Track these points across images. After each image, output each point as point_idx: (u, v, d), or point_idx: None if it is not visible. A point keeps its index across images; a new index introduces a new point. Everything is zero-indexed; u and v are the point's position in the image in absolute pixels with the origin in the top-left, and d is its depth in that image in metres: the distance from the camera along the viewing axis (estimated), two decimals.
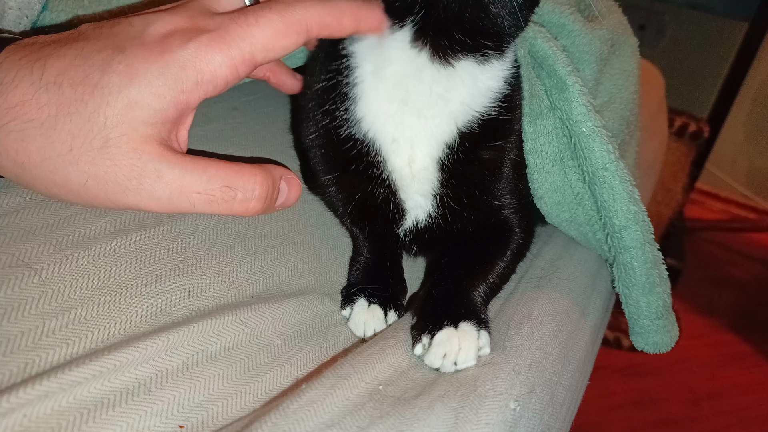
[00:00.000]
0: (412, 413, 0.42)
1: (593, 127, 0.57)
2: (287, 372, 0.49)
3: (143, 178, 0.44)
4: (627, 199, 0.57)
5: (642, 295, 0.60)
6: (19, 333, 0.41)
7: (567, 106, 0.58)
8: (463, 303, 0.54)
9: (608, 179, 0.57)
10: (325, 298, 0.58)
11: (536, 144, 0.60)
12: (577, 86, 0.57)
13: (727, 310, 1.90)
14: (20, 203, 0.51)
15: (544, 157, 0.60)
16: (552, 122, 0.60)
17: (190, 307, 0.50)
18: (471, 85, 0.57)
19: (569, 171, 0.61)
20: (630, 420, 1.42)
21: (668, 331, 0.62)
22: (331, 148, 0.62)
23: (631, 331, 0.63)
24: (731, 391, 1.56)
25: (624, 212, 0.57)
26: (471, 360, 0.49)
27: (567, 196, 0.62)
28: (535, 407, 0.48)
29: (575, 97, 0.57)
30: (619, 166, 0.57)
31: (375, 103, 0.58)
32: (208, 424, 0.42)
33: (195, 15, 0.46)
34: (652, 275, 0.59)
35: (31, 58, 0.43)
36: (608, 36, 0.70)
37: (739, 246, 2.25)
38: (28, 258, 0.46)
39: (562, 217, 0.64)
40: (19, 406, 0.37)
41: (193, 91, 0.44)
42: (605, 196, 0.57)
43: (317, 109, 0.61)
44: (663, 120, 1.41)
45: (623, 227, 0.57)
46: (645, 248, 0.58)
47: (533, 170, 0.61)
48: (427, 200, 0.61)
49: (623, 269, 0.60)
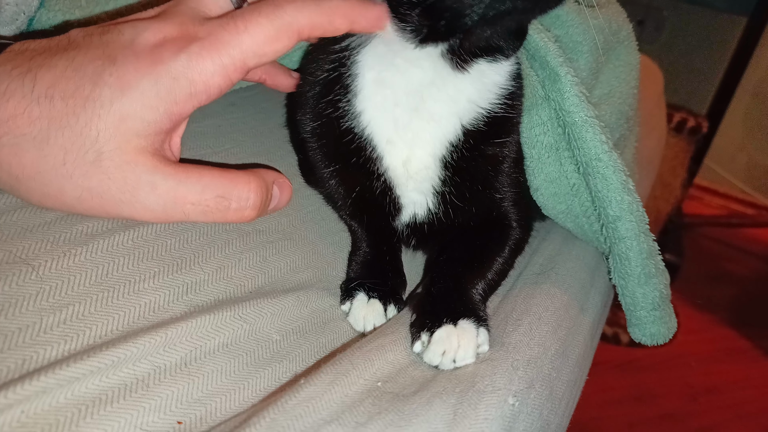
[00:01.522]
0: (411, 409, 0.42)
1: (585, 117, 0.57)
2: (286, 367, 0.49)
3: (137, 190, 0.44)
4: (621, 189, 0.57)
5: (638, 285, 0.60)
6: (16, 329, 0.41)
7: (559, 97, 0.58)
8: (461, 300, 0.54)
9: (601, 169, 0.57)
10: (324, 293, 0.58)
11: (531, 134, 0.60)
12: (569, 77, 0.57)
13: (725, 305, 1.91)
14: (17, 201, 0.50)
15: (539, 148, 0.60)
16: (547, 112, 0.60)
17: (188, 303, 0.50)
18: (479, 83, 0.57)
19: (565, 162, 0.61)
20: (628, 415, 1.43)
21: (665, 322, 0.62)
22: (330, 140, 0.62)
23: (629, 322, 0.63)
24: (729, 386, 1.56)
25: (618, 202, 0.57)
26: (470, 357, 0.49)
27: (563, 187, 0.62)
28: (534, 402, 0.48)
29: (567, 87, 0.58)
30: (612, 157, 0.57)
31: (374, 103, 0.58)
32: (206, 420, 0.42)
33: (185, 21, 0.45)
34: (648, 266, 0.59)
35: (23, 69, 0.42)
36: (605, 26, 0.70)
37: (738, 241, 2.25)
38: (26, 255, 0.46)
39: (558, 208, 0.64)
40: (17, 403, 0.37)
41: (187, 101, 0.44)
42: (599, 186, 0.58)
43: (319, 99, 0.61)
44: (662, 115, 1.41)
45: (617, 217, 0.58)
46: (640, 238, 0.58)
47: (529, 161, 0.61)
48: (426, 197, 0.61)
49: (619, 260, 0.60)
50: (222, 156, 0.68)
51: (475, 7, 0.48)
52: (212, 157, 0.67)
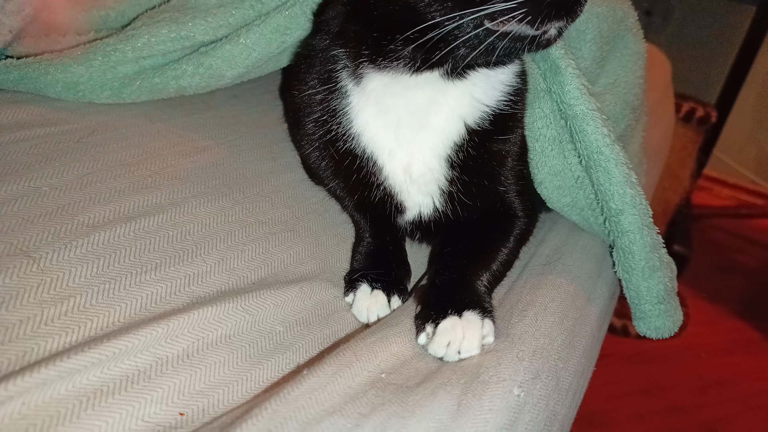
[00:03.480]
0: (415, 400, 0.42)
1: (586, 110, 0.56)
2: (289, 359, 0.49)
3: None
4: (623, 183, 0.56)
5: (642, 279, 0.59)
6: (17, 321, 0.41)
7: (560, 89, 0.57)
8: (466, 292, 0.53)
9: (603, 163, 0.56)
10: (327, 284, 0.58)
11: (534, 128, 0.59)
12: (570, 69, 0.57)
13: (734, 296, 1.89)
14: (18, 191, 0.50)
15: (543, 141, 0.59)
16: (549, 105, 0.59)
17: (190, 295, 0.50)
18: (484, 83, 0.57)
19: (568, 154, 0.60)
20: (637, 407, 1.42)
21: (671, 315, 0.61)
22: (330, 161, 0.62)
23: (633, 316, 0.63)
24: (739, 378, 1.55)
25: (620, 195, 0.56)
26: (475, 349, 0.49)
27: (567, 180, 0.61)
28: (540, 393, 0.48)
29: (568, 79, 0.57)
30: (615, 150, 0.56)
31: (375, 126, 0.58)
32: (208, 411, 0.42)
33: None
34: (652, 259, 0.58)
35: None
36: (608, 13, 0.69)
37: (747, 232, 2.23)
38: (27, 246, 0.46)
39: (563, 201, 0.64)
40: (18, 394, 0.36)
41: None
42: (601, 179, 0.57)
43: (316, 122, 0.61)
44: (670, 105, 1.39)
45: (620, 210, 0.57)
46: (643, 231, 0.57)
47: (533, 154, 0.60)
48: (433, 197, 0.60)
49: (622, 253, 0.59)
50: (224, 147, 0.68)
51: (465, 44, 0.48)
52: (215, 148, 0.67)
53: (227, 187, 0.62)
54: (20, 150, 0.56)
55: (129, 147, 0.62)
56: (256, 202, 0.62)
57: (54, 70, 0.64)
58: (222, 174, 0.63)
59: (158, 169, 0.60)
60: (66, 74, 0.65)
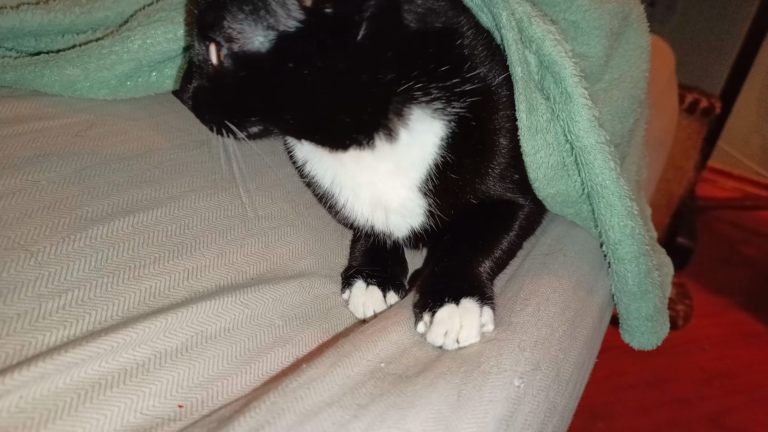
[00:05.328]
0: (414, 390, 0.42)
1: (595, 143, 0.55)
2: (288, 352, 0.49)
3: None
4: (625, 216, 0.56)
5: (632, 301, 0.60)
6: (15, 315, 0.41)
7: (570, 119, 0.55)
8: (466, 278, 0.53)
9: (606, 195, 0.56)
10: (326, 279, 0.58)
11: (536, 158, 0.57)
12: (582, 99, 0.55)
13: (739, 288, 1.88)
14: (16, 185, 0.50)
15: (545, 169, 0.58)
16: (553, 134, 0.57)
17: (189, 289, 0.49)
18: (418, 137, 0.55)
19: (572, 173, 0.59)
20: (641, 399, 1.42)
21: (656, 332, 0.63)
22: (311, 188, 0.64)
23: (621, 326, 0.65)
24: (743, 370, 1.54)
25: (620, 227, 0.56)
26: (473, 337, 0.48)
27: (572, 196, 0.61)
28: (540, 384, 0.47)
29: (579, 109, 0.55)
30: (619, 183, 0.56)
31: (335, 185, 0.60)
32: (207, 403, 0.42)
33: None
34: (644, 284, 0.59)
35: None
36: (618, 9, 0.68)
37: (752, 224, 2.22)
38: (24, 240, 0.46)
39: (566, 212, 0.64)
40: (15, 388, 0.36)
41: None
42: (603, 210, 0.57)
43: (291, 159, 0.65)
44: (673, 96, 1.38)
45: (618, 241, 0.57)
46: (639, 260, 0.58)
47: (534, 180, 0.58)
48: (418, 217, 0.59)
49: (616, 277, 0.60)
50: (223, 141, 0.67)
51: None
52: (214, 142, 0.66)
53: (226, 182, 0.62)
54: (18, 144, 0.56)
55: (128, 141, 0.62)
56: (256, 196, 0.62)
57: (50, 72, 0.64)
58: (221, 168, 0.63)
59: (157, 163, 0.60)
60: (62, 76, 0.64)
